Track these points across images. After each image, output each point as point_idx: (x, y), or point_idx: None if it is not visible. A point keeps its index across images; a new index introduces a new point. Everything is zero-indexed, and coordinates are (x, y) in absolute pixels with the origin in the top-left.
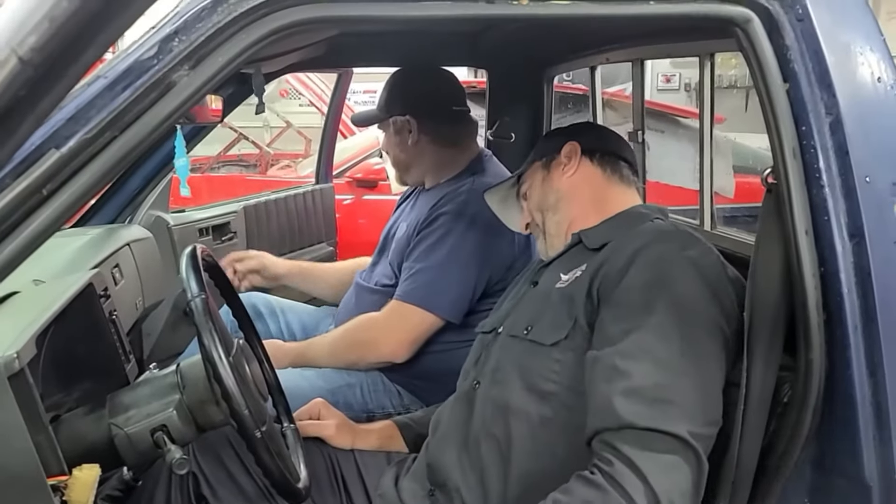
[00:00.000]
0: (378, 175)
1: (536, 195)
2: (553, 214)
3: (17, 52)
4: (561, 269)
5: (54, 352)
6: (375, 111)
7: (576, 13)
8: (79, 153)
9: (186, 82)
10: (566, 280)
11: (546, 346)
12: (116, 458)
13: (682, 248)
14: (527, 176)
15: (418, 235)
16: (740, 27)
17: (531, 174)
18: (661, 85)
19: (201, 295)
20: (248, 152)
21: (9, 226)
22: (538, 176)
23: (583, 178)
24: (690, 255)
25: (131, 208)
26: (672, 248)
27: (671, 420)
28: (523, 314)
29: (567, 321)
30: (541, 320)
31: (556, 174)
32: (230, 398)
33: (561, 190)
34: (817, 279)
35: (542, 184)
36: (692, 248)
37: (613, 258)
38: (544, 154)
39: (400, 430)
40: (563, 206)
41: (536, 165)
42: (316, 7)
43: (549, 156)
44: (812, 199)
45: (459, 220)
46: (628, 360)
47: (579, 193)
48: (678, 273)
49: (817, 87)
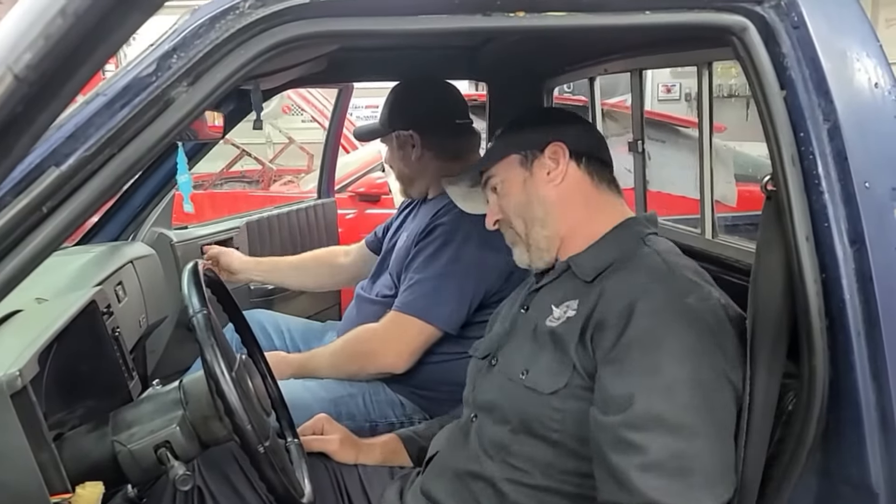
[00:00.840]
0: (380, 189)
1: (516, 200)
2: (541, 229)
3: (12, 70)
4: (552, 298)
5: (57, 369)
6: (378, 126)
7: (572, 24)
8: (78, 171)
9: (185, 99)
10: (558, 318)
11: (545, 395)
12: (120, 475)
13: (681, 294)
14: (499, 169)
15: (416, 246)
16: (737, 36)
17: (506, 168)
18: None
19: (203, 311)
20: (250, 168)
21: (9, 244)
22: (516, 174)
23: (572, 188)
24: (689, 302)
25: (134, 225)
26: (670, 297)
27: (695, 493)
28: (518, 352)
29: (563, 368)
30: (536, 363)
31: (541, 179)
32: (233, 414)
33: (548, 201)
34: (819, 285)
35: (523, 187)
36: (690, 294)
37: (607, 304)
38: (522, 147)
39: (404, 444)
40: (552, 220)
41: (513, 159)
42: (313, 22)
43: (530, 152)
44: (812, 205)
45: (457, 231)
46: (640, 431)
47: (570, 206)
48: (678, 326)
49: (814, 94)
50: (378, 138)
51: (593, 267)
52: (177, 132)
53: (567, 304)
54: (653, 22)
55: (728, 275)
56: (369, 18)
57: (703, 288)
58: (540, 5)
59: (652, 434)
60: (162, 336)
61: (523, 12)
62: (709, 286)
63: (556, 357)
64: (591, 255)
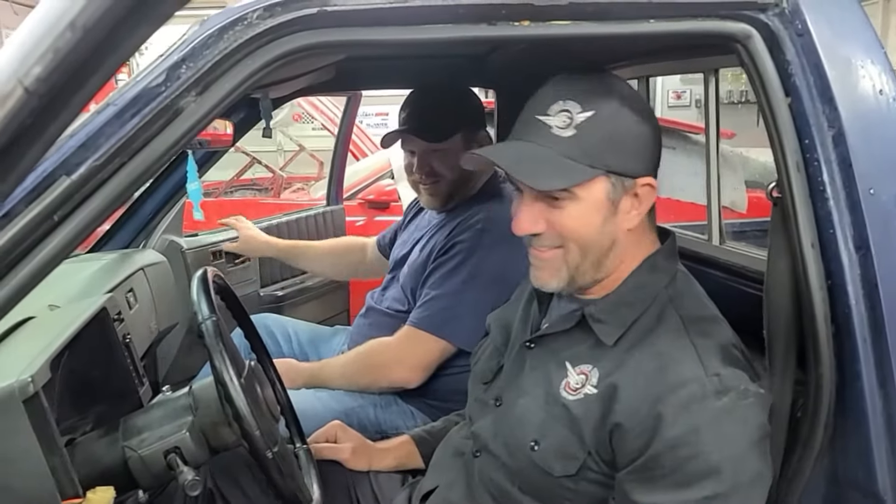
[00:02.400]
0: (390, 196)
1: (588, 235)
2: (594, 271)
3: (22, 83)
4: (566, 351)
5: (69, 376)
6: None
7: (577, 33)
8: (89, 179)
9: (194, 108)
10: (574, 390)
11: (556, 477)
12: (131, 480)
13: (714, 395)
14: (581, 190)
15: (434, 262)
16: (741, 43)
17: (589, 191)
18: (671, 101)
19: (212, 317)
20: (261, 176)
21: (21, 251)
22: (599, 205)
23: (638, 231)
24: (724, 405)
25: (145, 233)
26: (701, 401)
27: None
28: (527, 412)
29: (578, 452)
30: (548, 438)
31: (623, 219)
32: (241, 419)
33: (619, 239)
34: (825, 292)
35: (602, 225)
36: (724, 395)
37: (630, 401)
38: (616, 170)
39: (417, 445)
40: (609, 263)
41: (601, 182)
42: (320, 33)
43: (623, 178)
44: (817, 212)
45: (476, 249)
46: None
47: (631, 248)
48: (711, 435)
49: (819, 101)
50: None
51: (614, 325)
52: (186, 141)
53: (584, 371)
54: (657, 30)
55: (735, 281)
56: (375, 28)
57: (737, 379)
58: (544, 14)
59: None
60: (172, 342)
61: (528, 21)
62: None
63: (571, 439)
64: (610, 307)
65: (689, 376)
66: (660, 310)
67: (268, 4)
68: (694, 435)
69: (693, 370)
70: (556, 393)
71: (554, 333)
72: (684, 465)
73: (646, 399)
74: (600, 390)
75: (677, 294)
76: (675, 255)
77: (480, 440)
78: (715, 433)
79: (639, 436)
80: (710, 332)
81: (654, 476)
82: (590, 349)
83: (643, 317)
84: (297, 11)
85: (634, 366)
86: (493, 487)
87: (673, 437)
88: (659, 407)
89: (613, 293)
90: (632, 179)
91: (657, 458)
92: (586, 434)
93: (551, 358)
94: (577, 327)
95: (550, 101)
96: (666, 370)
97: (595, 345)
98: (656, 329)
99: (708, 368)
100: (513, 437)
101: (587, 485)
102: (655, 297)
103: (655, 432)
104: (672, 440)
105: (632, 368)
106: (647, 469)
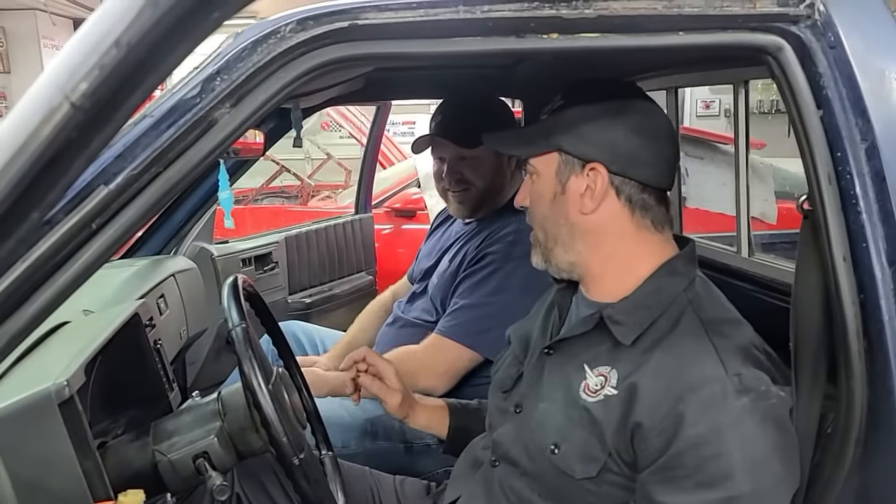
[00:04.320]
0: (416, 205)
1: (542, 210)
2: (564, 253)
3: (69, 98)
4: (584, 353)
5: (102, 380)
6: (463, 137)
7: (605, 45)
8: (126, 189)
9: (228, 119)
10: (594, 391)
11: (577, 479)
12: (160, 483)
13: (735, 394)
14: (538, 162)
15: (464, 272)
16: (772, 55)
17: (545, 165)
18: (700, 111)
19: (242, 324)
20: (289, 184)
21: (61, 258)
22: (549, 181)
23: (606, 223)
24: (745, 405)
25: (176, 240)
26: (722, 400)
27: None
28: (547, 417)
29: (599, 454)
30: (568, 441)
31: (573, 201)
32: (269, 425)
33: (577, 228)
34: (857, 306)
35: (552, 202)
36: (745, 395)
37: (650, 401)
38: (567, 150)
39: (449, 414)
40: (578, 249)
41: (553, 157)
42: (351, 45)
43: (573, 158)
44: (849, 225)
45: (507, 260)
46: None
47: (601, 243)
48: (734, 434)
49: (851, 114)
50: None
51: (632, 326)
52: (220, 152)
53: (602, 372)
54: (687, 42)
55: (764, 294)
56: (405, 41)
57: (758, 380)
58: (573, 27)
59: None
60: (201, 348)
61: (556, 34)
62: (762, 370)
63: (592, 441)
64: (628, 308)
65: (709, 376)
66: (679, 312)
67: (300, 18)
68: (716, 434)
69: (713, 370)
70: (576, 396)
71: (572, 338)
72: (706, 464)
73: (666, 398)
74: (620, 391)
75: (696, 297)
76: (694, 260)
77: (500, 448)
78: (737, 433)
79: (660, 435)
80: (730, 333)
81: (676, 476)
82: (608, 351)
83: (661, 319)
84: (328, 25)
85: (654, 366)
86: (514, 496)
87: (694, 435)
88: (680, 406)
89: (631, 296)
90: (581, 162)
91: (679, 457)
92: (607, 435)
93: (570, 362)
94: (595, 330)
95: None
96: (686, 370)
97: (613, 347)
98: (675, 330)
99: (729, 368)
100: (533, 442)
101: (608, 487)
102: (674, 300)
103: (677, 431)
104: (694, 439)
105: (652, 368)
106: (668, 469)
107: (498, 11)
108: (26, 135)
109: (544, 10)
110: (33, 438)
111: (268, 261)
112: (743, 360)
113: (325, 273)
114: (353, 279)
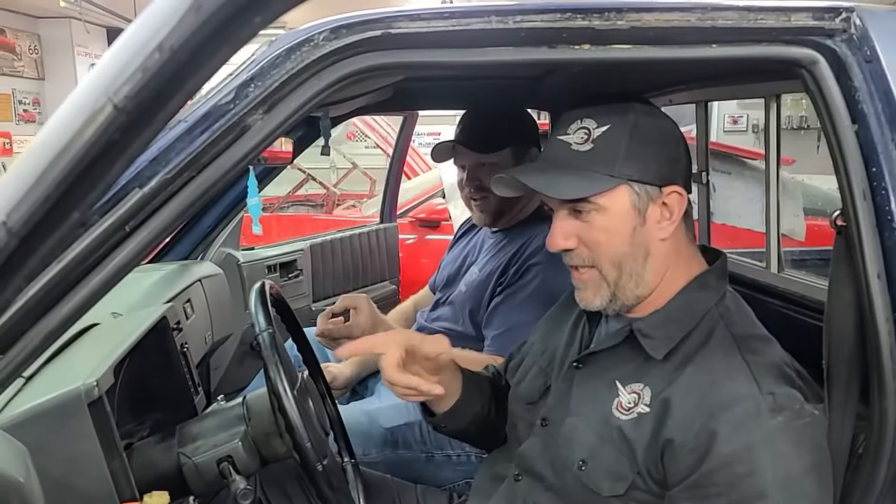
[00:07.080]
0: (440, 215)
1: (618, 248)
2: (635, 287)
3: (112, 101)
4: (615, 370)
5: (129, 382)
6: (481, 143)
7: (637, 57)
8: (159, 192)
9: (260, 126)
10: (627, 410)
11: (603, 496)
12: (184, 486)
13: (768, 413)
14: (604, 199)
15: (508, 287)
16: (807, 69)
17: (612, 200)
18: (727, 126)
19: (269, 329)
20: (315, 192)
21: (95, 260)
22: (626, 217)
23: (673, 243)
24: (779, 424)
25: (203, 245)
26: (756, 418)
27: None
28: (577, 433)
29: (627, 472)
30: (596, 458)
31: (651, 229)
32: (294, 431)
33: (654, 251)
34: (891, 325)
35: (631, 236)
36: (779, 414)
37: (682, 418)
38: (638, 178)
39: (461, 377)
40: (649, 278)
41: (623, 190)
42: (383, 54)
43: (646, 185)
44: (884, 242)
45: (553, 269)
46: None
47: (661, 266)
48: (767, 454)
49: (888, 129)
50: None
51: (663, 340)
52: (252, 157)
53: (635, 389)
54: (720, 55)
55: (794, 311)
56: (437, 50)
57: (792, 399)
58: (605, 38)
59: None
60: (226, 353)
61: (589, 45)
62: (795, 389)
63: (622, 459)
64: (659, 322)
65: (742, 393)
66: (710, 327)
67: (334, 27)
68: (748, 452)
69: (747, 387)
70: (609, 413)
71: (602, 351)
72: (739, 483)
73: (699, 415)
74: (653, 408)
75: (727, 312)
76: (725, 275)
77: (525, 461)
78: (770, 452)
79: (691, 452)
80: (763, 350)
81: (708, 494)
82: (639, 367)
83: (693, 333)
84: (362, 34)
85: (686, 381)
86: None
87: (727, 453)
88: (712, 423)
89: (662, 310)
90: (657, 188)
91: (711, 475)
92: (638, 453)
93: (600, 377)
94: (626, 344)
95: (570, 122)
96: (719, 386)
97: (644, 362)
98: (707, 346)
99: (762, 386)
100: (559, 457)
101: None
102: (705, 315)
103: (709, 449)
104: (726, 457)
105: (684, 384)
106: (700, 487)
107: (530, 22)
108: (70, 135)
109: (577, 21)
110: (62, 437)
111: (293, 268)
112: (776, 378)
113: (349, 281)
114: (377, 288)
